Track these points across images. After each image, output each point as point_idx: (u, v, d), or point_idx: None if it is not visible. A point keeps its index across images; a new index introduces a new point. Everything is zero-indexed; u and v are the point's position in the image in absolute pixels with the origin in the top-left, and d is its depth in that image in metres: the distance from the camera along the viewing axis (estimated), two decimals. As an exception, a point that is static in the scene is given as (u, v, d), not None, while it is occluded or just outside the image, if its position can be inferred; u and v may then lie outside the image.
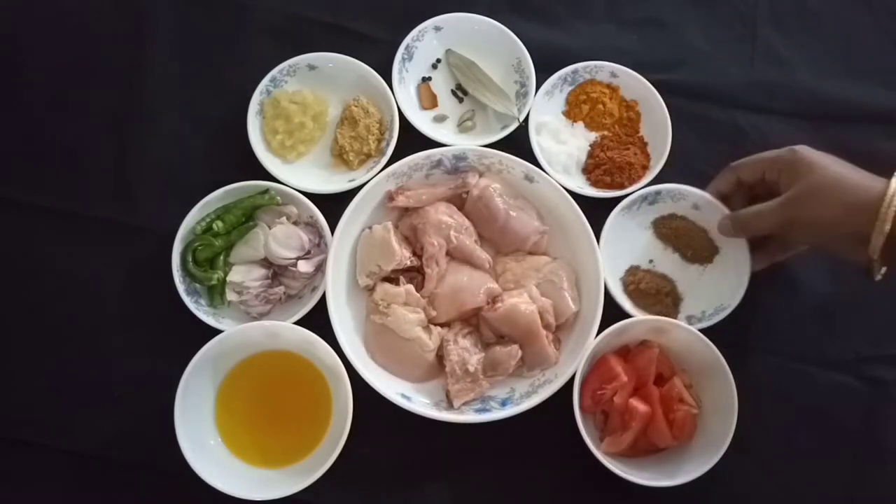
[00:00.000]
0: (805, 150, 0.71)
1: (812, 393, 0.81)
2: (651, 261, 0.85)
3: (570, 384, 0.74)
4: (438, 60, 0.93)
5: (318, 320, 0.76)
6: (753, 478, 0.78)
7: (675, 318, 0.80)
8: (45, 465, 0.78)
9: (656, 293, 0.82)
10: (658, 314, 0.80)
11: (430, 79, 0.93)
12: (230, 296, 0.80)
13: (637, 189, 0.84)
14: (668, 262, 0.85)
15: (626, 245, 0.84)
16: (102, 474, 0.77)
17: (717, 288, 0.82)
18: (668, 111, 0.87)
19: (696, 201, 0.83)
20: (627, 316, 0.79)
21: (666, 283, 0.83)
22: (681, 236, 0.84)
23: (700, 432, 0.76)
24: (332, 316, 0.75)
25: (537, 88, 0.88)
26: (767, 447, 0.79)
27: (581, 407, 0.74)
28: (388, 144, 0.85)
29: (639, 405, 0.74)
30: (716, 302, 0.81)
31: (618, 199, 0.83)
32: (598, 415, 0.77)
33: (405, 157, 0.80)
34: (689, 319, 0.81)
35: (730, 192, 0.80)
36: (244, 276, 0.80)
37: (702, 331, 0.75)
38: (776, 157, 0.73)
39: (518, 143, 0.85)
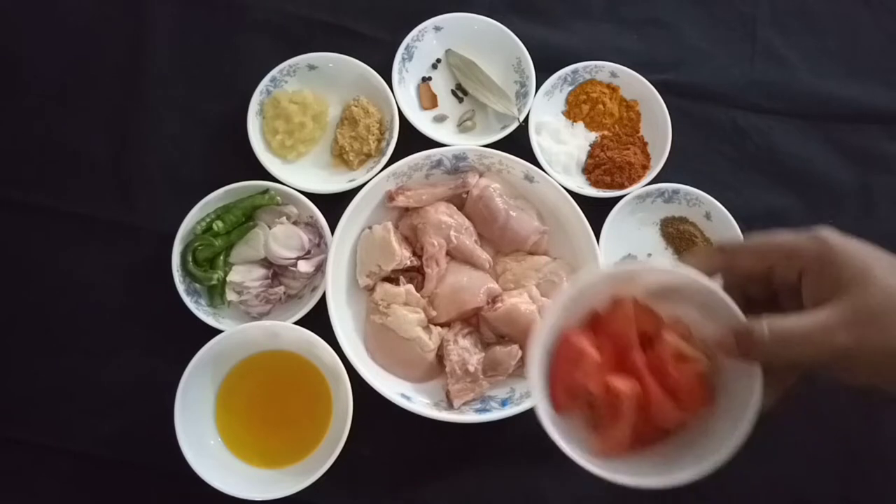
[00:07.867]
0: (839, 243, 0.46)
1: (812, 393, 0.81)
2: (649, 255, 0.86)
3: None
4: (438, 60, 0.93)
5: (318, 320, 0.76)
6: (753, 477, 0.78)
7: None
8: (44, 465, 0.78)
9: None
10: None
11: (430, 79, 0.93)
12: (230, 296, 0.80)
13: (645, 184, 0.85)
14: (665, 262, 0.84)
15: (629, 233, 0.86)
16: (102, 474, 0.77)
17: None
18: (668, 111, 0.87)
19: (709, 210, 0.84)
20: None
21: None
22: (685, 240, 0.85)
23: (722, 391, 0.51)
24: (332, 316, 0.75)
25: (537, 88, 0.88)
26: (767, 447, 0.78)
27: (555, 406, 0.52)
28: (388, 144, 0.85)
29: (618, 383, 0.51)
30: None
31: (618, 200, 0.84)
32: (586, 410, 0.54)
33: (405, 157, 0.80)
34: None
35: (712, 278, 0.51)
36: (244, 276, 0.80)
37: None
38: (794, 248, 0.47)
39: (518, 143, 0.85)
